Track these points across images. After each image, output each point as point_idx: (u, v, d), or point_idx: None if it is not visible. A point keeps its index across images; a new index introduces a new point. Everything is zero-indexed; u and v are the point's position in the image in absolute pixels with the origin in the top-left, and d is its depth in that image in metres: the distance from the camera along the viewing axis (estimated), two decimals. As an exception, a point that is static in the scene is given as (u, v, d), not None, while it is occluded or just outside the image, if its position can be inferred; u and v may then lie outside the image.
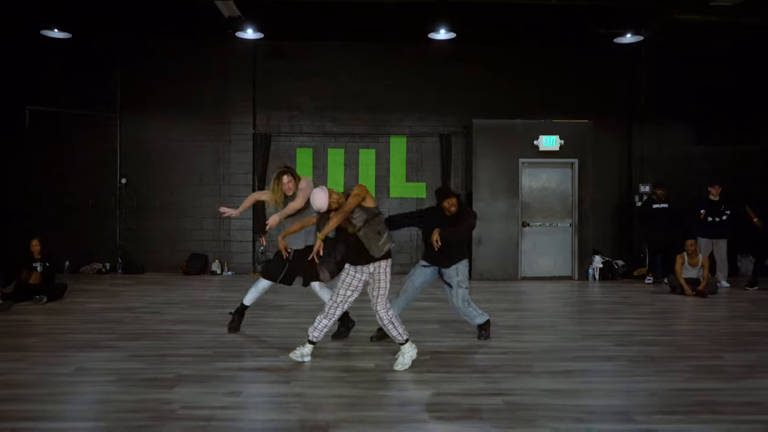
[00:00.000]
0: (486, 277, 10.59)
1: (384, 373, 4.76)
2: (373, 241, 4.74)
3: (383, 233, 4.78)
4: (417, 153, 11.75)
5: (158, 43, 11.33)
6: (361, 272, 4.89)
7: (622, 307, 7.97)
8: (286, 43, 11.42)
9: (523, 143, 10.73)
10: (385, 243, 4.78)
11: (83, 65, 11.25)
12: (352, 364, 5.03)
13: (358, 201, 4.74)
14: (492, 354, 5.38)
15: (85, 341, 5.70)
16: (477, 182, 10.75)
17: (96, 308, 7.49)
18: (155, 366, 4.88)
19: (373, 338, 5.87)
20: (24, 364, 4.91)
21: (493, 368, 4.91)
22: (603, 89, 11.67)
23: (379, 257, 4.79)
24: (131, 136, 11.48)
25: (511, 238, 10.75)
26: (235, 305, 6.24)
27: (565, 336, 6.13)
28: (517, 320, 7.07)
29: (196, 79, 11.46)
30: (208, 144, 11.54)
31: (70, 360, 5.03)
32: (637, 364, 5.04)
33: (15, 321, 6.72)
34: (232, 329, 6.09)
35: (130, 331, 6.19)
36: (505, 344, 5.77)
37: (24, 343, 5.65)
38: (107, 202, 11.47)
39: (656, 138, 11.59)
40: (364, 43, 11.48)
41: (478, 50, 11.45)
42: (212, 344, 5.64)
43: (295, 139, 11.68)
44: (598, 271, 10.76)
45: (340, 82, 11.63)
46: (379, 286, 4.84)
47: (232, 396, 4.16)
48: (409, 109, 11.70)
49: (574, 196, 10.82)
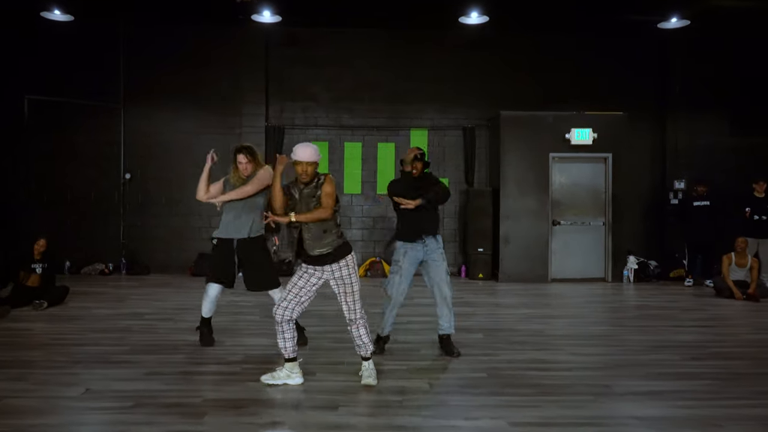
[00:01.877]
0: (513, 279, 9.95)
1: (442, 395, 4.13)
2: (317, 238, 4.21)
3: (329, 231, 4.20)
4: (439, 147, 11.10)
5: (164, 29, 10.63)
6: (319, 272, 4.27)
7: (674, 312, 7.35)
8: (300, 30, 10.73)
9: (554, 136, 10.08)
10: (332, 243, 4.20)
11: (85, 52, 10.55)
12: (403, 385, 4.38)
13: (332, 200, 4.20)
14: (556, 371, 4.74)
15: (95, 355, 5.05)
16: (504, 178, 10.11)
17: (102, 315, 6.83)
18: (177, 387, 4.23)
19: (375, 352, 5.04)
20: (27, 384, 4.26)
21: (564, 389, 4.28)
22: (634, 79, 11.03)
23: (326, 254, 4.19)
24: (135, 128, 10.79)
25: (541, 237, 10.11)
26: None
27: (629, 348, 5.50)
28: (566, 329, 6.44)
29: (205, 67, 10.77)
30: (217, 137, 10.82)
31: (78, 379, 4.37)
32: (727, 383, 4.41)
33: (14, 330, 6.05)
34: (205, 344, 5.36)
35: (143, 342, 5.54)
36: (565, 358, 5.15)
37: (25, 357, 4.99)
38: (110, 198, 10.78)
39: (691, 130, 10.94)
40: (382, 30, 10.80)
41: (502, 38, 10.79)
42: (237, 358, 4.99)
43: (309, 132, 11.01)
44: (633, 273, 10.13)
45: (357, 71, 10.96)
46: (353, 290, 4.26)
47: (275, 428, 3.51)
48: (430, 101, 11.04)
49: (608, 193, 10.19)
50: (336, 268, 4.23)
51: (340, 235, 4.29)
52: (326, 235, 4.20)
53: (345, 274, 4.24)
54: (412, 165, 5.14)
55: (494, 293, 8.95)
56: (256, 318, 6.67)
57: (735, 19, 9.88)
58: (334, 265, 4.23)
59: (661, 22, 9.85)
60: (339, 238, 4.26)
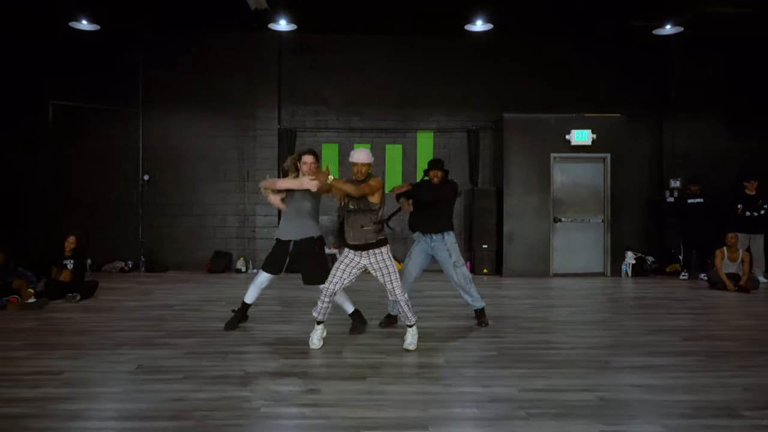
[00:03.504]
0: (517, 274, 10.42)
1: (458, 369, 4.59)
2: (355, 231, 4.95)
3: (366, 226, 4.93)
4: (444, 148, 11.57)
5: (181, 36, 11.10)
6: (358, 257, 5.04)
7: (669, 302, 7.81)
8: (312, 37, 11.20)
9: (555, 138, 10.56)
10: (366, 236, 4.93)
11: (105, 59, 11.01)
12: (421, 360, 4.84)
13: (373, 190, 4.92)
14: (560, 349, 5.20)
15: (136, 339, 5.49)
16: (508, 178, 10.57)
17: (133, 306, 7.28)
18: (219, 363, 4.68)
19: (382, 324, 6.02)
20: (83, 361, 4.71)
21: (568, 363, 4.73)
22: (633, 83, 11.49)
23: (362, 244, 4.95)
24: (153, 131, 11.26)
25: (543, 234, 10.58)
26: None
27: (627, 331, 5.95)
28: (568, 316, 6.91)
29: (220, 72, 11.24)
30: (232, 139, 11.33)
31: (128, 358, 4.83)
32: (716, 359, 4.87)
33: (55, 319, 6.50)
34: (228, 327, 5.83)
35: (177, 328, 5.99)
36: (568, 339, 5.61)
37: (74, 341, 5.43)
38: (129, 198, 11.25)
39: (688, 132, 11.42)
40: (390, 36, 11.28)
41: (506, 44, 11.24)
42: (269, 341, 5.45)
43: (320, 134, 11.48)
44: (631, 268, 10.59)
45: (366, 76, 11.44)
46: (388, 272, 5.00)
47: (313, 393, 3.97)
48: (436, 104, 11.51)
49: (606, 192, 10.66)
50: (371, 254, 5.00)
51: (377, 230, 4.97)
52: (363, 230, 4.92)
53: (380, 259, 4.99)
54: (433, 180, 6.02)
55: (500, 287, 9.40)
56: (278, 308, 7.13)
57: (729, 25, 10.32)
58: (370, 251, 4.99)
59: (657, 28, 10.30)
60: (375, 233, 4.96)
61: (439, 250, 5.95)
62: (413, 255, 6.04)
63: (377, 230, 4.97)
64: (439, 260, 6.01)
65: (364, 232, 4.92)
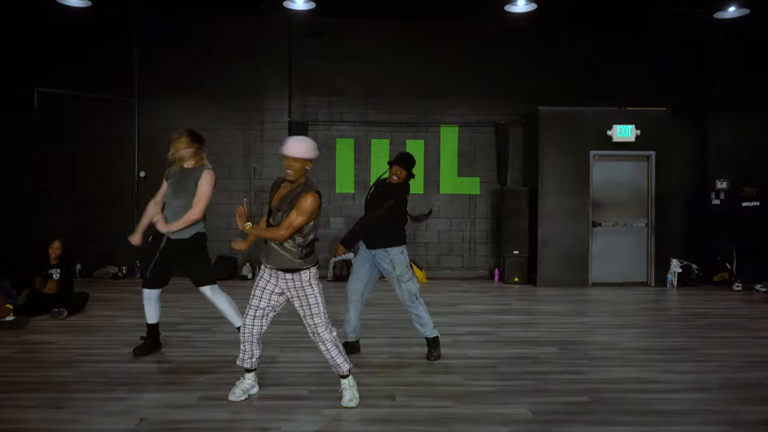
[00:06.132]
0: (551, 283, 9.44)
1: (551, 426, 3.59)
2: (273, 250, 3.77)
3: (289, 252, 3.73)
4: (470, 144, 10.56)
5: (181, 19, 10.04)
6: (275, 277, 3.82)
7: (742, 321, 6.86)
8: (324, 21, 10.14)
9: (595, 133, 9.58)
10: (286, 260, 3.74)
11: (97, 43, 9.94)
12: (496, 411, 3.83)
13: (299, 224, 3.68)
14: (661, 393, 4.21)
15: (137, 374, 4.47)
16: (543, 177, 9.59)
17: (129, 324, 6.22)
18: (244, 417, 3.66)
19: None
20: (69, 413, 3.68)
21: (686, 415, 3.75)
22: (674, 74, 10.52)
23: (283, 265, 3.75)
24: (151, 123, 10.18)
25: (581, 239, 9.60)
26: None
27: (723, 364, 4.97)
28: (639, 340, 5.94)
29: (224, 59, 10.17)
30: (237, 133, 10.28)
31: (127, 406, 3.79)
32: None
33: (37, 343, 5.46)
34: (137, 353, 4.94)
35: (184, 358, 4.97)
36: (659, 376, 4.60)
37: (57, 377, 4.39)
38: (124, 197, 10.16)
39: (734, 128, 10.44)
40: (410, 22, 10.24)
41: (536, 32, 10.26)
42: (297, 377, 4.43)
43: (334, 128, 10.44)
44: (677, 277, 9.64)
45: (385, 65, 10.39)
46: (309, 303, 3.77)
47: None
48: (461, 96, 10.49)
49: (651, 193, 9.70)
50: (289, 278, 3.79)
51: (302, 255, 3.75)
52: (280, 253, 3.75)
53: (299, 286, 3.79)
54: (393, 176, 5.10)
55: (537, 299, 8.44)
56: (298, 328, 6.11)
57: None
58: (287, 276, 3.79)
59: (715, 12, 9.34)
60: (298, 258, 3.74)
61: (382, 261, 4.97)
62: (355, 266, 5.13)
63: (302, 254, 3.75)
64: (383, 273, 5.03)
65: (283, 256, 3.74)
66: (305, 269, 3.76)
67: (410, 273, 4.98)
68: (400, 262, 4.95)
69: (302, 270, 3.75)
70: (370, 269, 5.08)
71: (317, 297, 3.78)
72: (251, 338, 3.90)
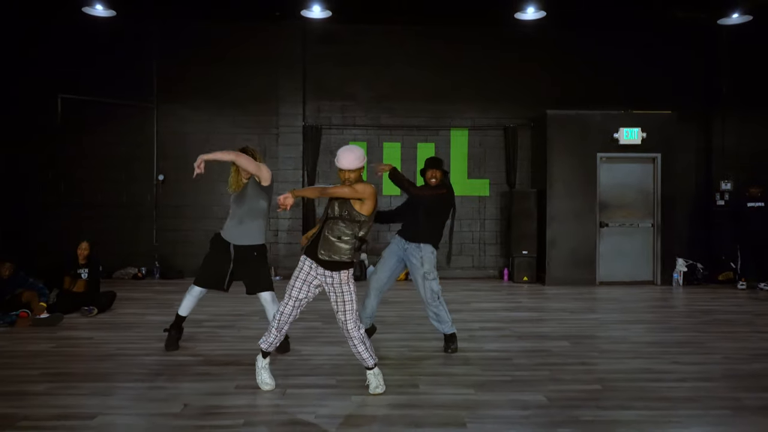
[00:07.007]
0: (560, 282, 9.68)
1: (566, 410, 3.84)
2: (329, 242, 3.97)
3: (346, 243, 3.97)
4: (479, 147, 10.83)
5: (200, 27, 10.34)
6: (315, 270, 4.05)
7: (747, 317, 7.10)
8: (338, 28, 10.43)
9: (602, 136, 9.83)
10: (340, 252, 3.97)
11: (117, 50, 10.24)
12: (513, 397, 4.09)
13: (351, 195, 3.93)
14: (670, 381, 4.46)
15: (171, 366, 4.74)
16: (551, 179, 9.83)
17: (157, 321, 6.48)
18: (280, 402, 3.93)
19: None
20: (116, 399, 3.96)
21: (693, 402, 4.00)
22: (680, 78, 10.76)
23: (329, 264, 3.99)
24: (169, 127, 10.48)
25: (588, 240, 9.85)
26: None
27: (727, 356, 5.21)
28: (648, 335, 6.18)
29: (240, 66, 10.46)
30: (254, 137, 10.52)
31: (169, 393, 4.07)
32: None
33: (74, 339, 5.74)
34: (169, 347, 5.21)
35: (214, 352, 5.24)
36: (669, 367, 4.86)
37: (100, 369, 4.67)
38: (143, 200, 10.46)
39: (739, 130, 10.68)
40: (421, 28, 10.52)
41: (544, 37, 10.51)
42: (324, 368, 4.70)
43: (347, 132, 10.72)
44: (682, 276, 9.87)
45: (396, 70, 10.67)
46: (344, 300, 4.03)
47: None
48: (470, 100, 10.76)
49: (656, 194, 9.93)
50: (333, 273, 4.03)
51: (355, 248, 4.03)
52: (337, 245, 3.97)
53: (337, 281, 4.03)
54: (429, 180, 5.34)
55: (547, 297, 8.68)
56: (318, 324, 6.38)
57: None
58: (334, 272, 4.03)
59: (719, 18, 9.59)
60: (350, 251, 4.01)
61: (412, 255, 5.22)
62: (384, 256, 5.37)
63: (355, 248, 4.04)
64: (409, 268, 5.29)
65: (338, 247, 3.97)
66: (345, 269, 4.02)
67: (436, 273, 5.23)
68: (429, 259, 5.19)
69: (342, 270, 4.01)
70: (397, 263, 5.33)
71: (352, 295, 4.05)
72: (285, 325, 4.13)
